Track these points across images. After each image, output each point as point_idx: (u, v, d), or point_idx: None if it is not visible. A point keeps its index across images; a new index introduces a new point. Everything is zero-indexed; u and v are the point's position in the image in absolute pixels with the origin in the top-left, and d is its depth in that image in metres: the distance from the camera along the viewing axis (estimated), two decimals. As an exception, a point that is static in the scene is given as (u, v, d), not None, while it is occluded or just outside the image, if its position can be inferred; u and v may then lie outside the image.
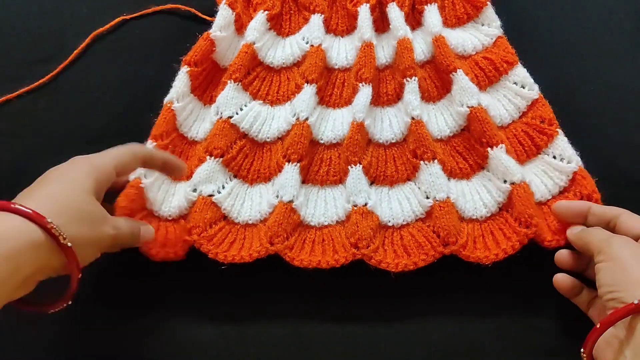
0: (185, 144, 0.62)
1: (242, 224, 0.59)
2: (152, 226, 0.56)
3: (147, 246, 0.55)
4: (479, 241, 0.57)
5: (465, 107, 0.59)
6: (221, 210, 0.58)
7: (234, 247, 0.57)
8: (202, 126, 0.62)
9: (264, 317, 0.57)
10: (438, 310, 0.57)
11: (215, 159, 0.59)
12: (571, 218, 0.56)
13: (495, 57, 0.63)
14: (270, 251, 0.56)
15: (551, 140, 0.60)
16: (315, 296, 0.58)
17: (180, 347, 0.56)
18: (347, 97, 0.63)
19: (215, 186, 0.59)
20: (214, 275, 0.57)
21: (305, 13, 0.66)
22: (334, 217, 0.59)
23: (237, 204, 0.59)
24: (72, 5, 0.70)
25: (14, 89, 0.66)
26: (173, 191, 0.60)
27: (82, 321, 0.57)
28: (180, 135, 0.62)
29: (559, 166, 0.59)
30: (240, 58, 0.62)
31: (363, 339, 0.56)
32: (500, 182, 0.58)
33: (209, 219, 0.57)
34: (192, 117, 0.62)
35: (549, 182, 0.59)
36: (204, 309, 0.58)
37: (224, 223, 0.58)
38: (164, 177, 0.59)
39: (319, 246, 0.57)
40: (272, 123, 0.62)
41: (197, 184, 0.58)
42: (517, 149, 0.60)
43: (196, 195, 0.58)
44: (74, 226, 0.46)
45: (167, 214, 0.58)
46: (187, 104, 0.62)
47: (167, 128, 0.60)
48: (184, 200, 0.58)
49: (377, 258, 0.55)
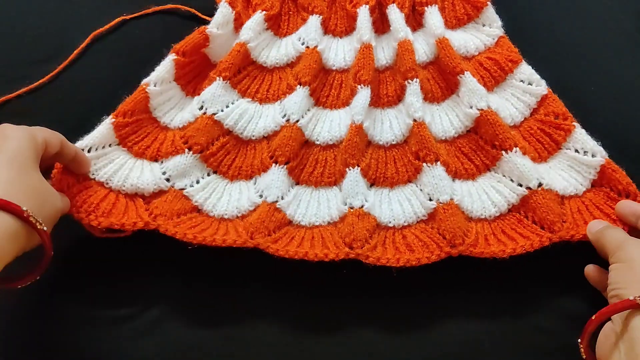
0: (155, 128, 0.62)
1: (217, 217, 0.59)
2: (97, 191, 0.57)
3: (87, 213, 0.55)
4: (490, 238, 0.57)
5: (475, 109, 0.59)
6: (192, 203, 0.59)
7: (206, 232, 0.56)
8: (180, 115, 0.62)
9: (262, 318, 0.57)
10: (438, 311, 0.57)
11: (193, 155, 0.59)
12: (626, 217, 0.56)
13: (499, 57, 0.63)
14: (249, 243, 0.55)
15: (569, 134, 0.60)
16: (315, 297, 0.58)
17: (178, 348, 0.56)
18: (344, 99, 0.63)
19: (189, 180, 0.59)
20: (213, 275, 0.57)
21: (303, 14, 0.66)
22: (326, 217, 0.59)
23: (213, 198, 0.59)
24: (72, 5, 0.70)
25: (14, 89, 0.66)
26: (131, 165, 0.60)
27: (81, 321, 0.57)
28: (152, 118, 0.62)
29: (585, 160, 0.59)
30: (231, 56, 0.62)
31: (362, 340, 0.56)
32: (515, 185, 0.58)
33: (178, 210, 0.57)
34: (169, 104, 0.62)
35: (579, 176, 0.59)
36: (201, 309, 0.58)
37: (196, 214, 0.58)
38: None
39: (308, 242, 0.57)
40: (259, 121, 0.62)
41: (171, 176, 0.59)
42: (536, 147, 0.60)
43: (168, 186, 0.58)
44: (41, 208, 0.48)
45: (121, 187, 0.58)
46: (166, 91, 0.62)
47: (134, 108, 0.60)
48: (151, 183, 0.58)
49: (374, 256, 0.55)
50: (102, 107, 0.65)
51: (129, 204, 0.57)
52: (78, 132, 0.64)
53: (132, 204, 0.57)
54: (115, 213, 0.56)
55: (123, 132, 0.60)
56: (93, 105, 0.65)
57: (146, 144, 0.61)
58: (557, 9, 0.70)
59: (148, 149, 0.60)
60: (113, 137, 0.59)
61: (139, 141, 0.61)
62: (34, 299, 0.57)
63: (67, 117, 0.65)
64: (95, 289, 0.58)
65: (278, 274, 0.57)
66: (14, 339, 0.57)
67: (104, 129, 0.59)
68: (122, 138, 0.60)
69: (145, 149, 0.60)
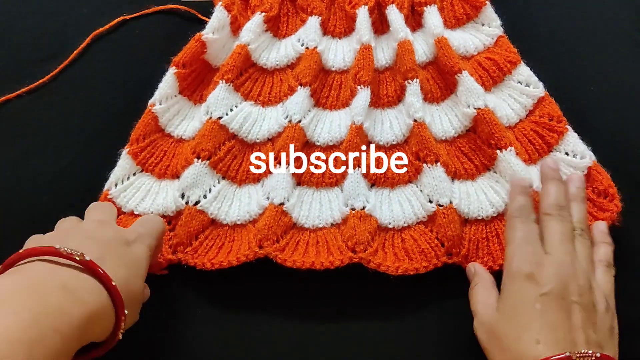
0: (171, 143, 0.62)
1: (230, 225, 0.59)
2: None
3: None
4: (482, 246, 0.57)
5: (472, 108, 0.59)
6: (208, 216, 0.59)
7: (222, 252, 0.57)
8: (191, 124, 0.62)
9: (262, 318, 0.57)
10: (438, 311, 0.57)
11: (202, 162, 0.59)
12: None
13: (498, 58, 0.63)
14: (259, 255, 0.55)
15: (561, 137, 0.60)
16: (314, 297, 0.58)
17: (178, 348, 0.56)
18: (344, 99, 0.63)
19: (202, 191, 0.59)
20: (212, 276, 0.57)
21: (302, 15, 0.66)
22: (329, 219, 0.59)
23: (225, 206, 0.59)
24: (72, 5, 0.70)
25: (14, 89, 0.66)
26: (157, 189, 0.60)
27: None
28: (166, 135, 0.62)
29: (572, 162, 0.59)
30: (233, 59, 0.62)
31: (362, 341, 0.56)
32: (509, 185, 0.57)
33: (196, 230, 0.58)
34: (178, 117, 0.63)
35: None
36: (202, 310, 0.58)
37: (211, 229, 0.59)
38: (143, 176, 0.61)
39: (313, 248, 0.57)
40: (263, 124, 0.62)
41: (184, 189, 0.59)
42: (528, 148, 0.60)
43: (184, 204, 0.58)
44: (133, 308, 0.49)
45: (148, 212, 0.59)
46: (173, 105, 0.62)
47: (145, 131, 0.61)
48: (172, 204, 0.59)
49: (375, 261, 0.55)
50: (102, 107, 0.65)
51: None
52: (78, 132, 0.64)
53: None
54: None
55: (141, 157, 0.60)
56: (93, 105, 0.66)
57: (165, 163, 0.61)
58: (556, 9, 0.70)
59: (168, 168, 0.61)
60: (134, 166, 0.60)
61: (158, 162, 0.61)
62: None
63: (67, 117, 0.65)
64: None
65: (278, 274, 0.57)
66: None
67: (123, 162, 0.60)
68: (142, 164, 0.60)
69: (166, 168, 0.61)
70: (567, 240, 0.51)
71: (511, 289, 0.49)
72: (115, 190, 0.59)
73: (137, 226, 0.53)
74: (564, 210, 0.53)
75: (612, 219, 0.56)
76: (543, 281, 0.48)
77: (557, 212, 0.52)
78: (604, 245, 0.54)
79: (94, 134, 0.64)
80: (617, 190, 0.57)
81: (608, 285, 0.52)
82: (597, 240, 0.55)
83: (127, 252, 0.49)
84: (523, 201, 0.53)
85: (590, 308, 0.48)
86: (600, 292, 0.50)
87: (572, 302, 0.47)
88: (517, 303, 0.48)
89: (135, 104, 0.64)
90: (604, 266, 0.53)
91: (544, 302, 0.47)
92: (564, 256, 0.49)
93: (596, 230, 0.55)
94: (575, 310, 0.47)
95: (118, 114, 0.65)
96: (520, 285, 0.48)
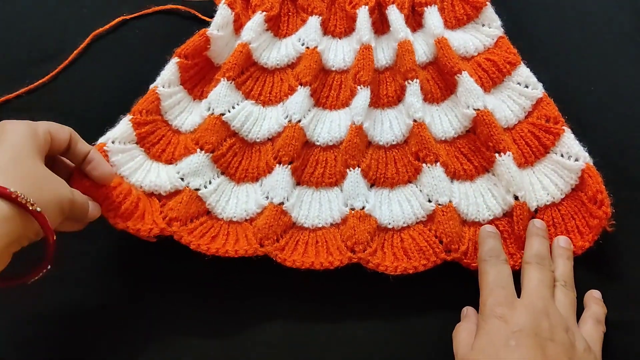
0: (169, 131, 0.62)
1: (225, 220, 0.59)
2: (119, 190, 0.55)
3: (107, 214, 0.54)
4: None
5: (472, 109, 0.59)
6: (205, 205, 0.59)
7: (217, 241, 0.57)
8: (190, 118, 0.62)
9: (262, 320, 0.57)
10: (437, 311, 0.57)
11: (205, 154, 0.59)
12: None
13: (497, 59, 0.63)
14: (259, 252, 0.56)
15: (558, 138, 0.59)
16: (314, 298, 0.58)
17: (178, 348, 0.56)
18: (344, 99, 0.63)
19: (203, 180, 0.59)
20: (212, 276, 0.58)
21: (303, 15, 0.66)
22: (329, 219, 0.59)
23: (222, 201, 0.59)
24: (72, 5, 0.70)
25: (14, 89, 0.66)
26: (148, 167, 0.60)
27: (79, 321, 0.57)
28: (164, 121, 0.62)
29: (567, 164, 0.58)
30: (235, 57, 0.62)
31: (361, 340, 0.57)
32: (504, 191, 0.57)
33: (192, 213, 0.57)
34: (179, 108, 0.62)
35: (560, 181, 0.58)
36: (201, 310, 0.58)
37: (206, 218, 0.58)
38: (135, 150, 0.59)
39: (312, 248, 0.57)
40: (263, 124, 0.62)
41: (185, 175, 0.58)
42: (524, 150, 0.60)
43: (183, 185, 0.58)
44: (35, 191, 0.46)
45: (140, 185, 0.58)
46: (175, 93, 0.62)
47: (148, 107, 0.60)
48: (167, 183, 0.58)
49: (374, 262, 0.55)
50: (102, 107, 0.65)
51: (146, 207, 0.57)
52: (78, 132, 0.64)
53: (149, 207, 0.57)
54: (133, 216, 0.56)
55: (142, 130, 0.60)
56: (93, 105, 0.66)
57: (162, 147, 0.61)
58: (556, 9, 0.70)
59: (164, 153, 0.61)
60: (132, 135, 0.59)
61: (155, 143, 0.61)
62: (34, 301, 0.57)
63: (67, 117, 0.65)
64: (93, 289, 0.59)
65: (278, 275, 0.57)
66: (15, 338, 0.57)
67: (123, 126, 0.59)
68: (140, 137, 0.60)
69: (161, 152, 0.61)
70: (544, 286, 0.52)
71: (485, 328, 0.50)
72: (112, 147, 0.57)
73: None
74: (544, 260, 0.54)
75: (601, 225, 0.55)
76: (514, 321, 0.49)
77: (536, 261, 0.53)
78: (595, 305, 0.54)
79: (94, 133, 0.64)
80: (607, 196, 0.56)
81: (594, 336, 0.52)
82: (588, 302, 0.55)
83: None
84: (492, 244, 0.55)
85: (567, 347, 0.48)
86: (580, 335, 0.50)
87: (545, 339, 0.48)
88: (493, 340, 0.48)
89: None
90: (594, 320, 0.53)
91: (518, 338, 0.47)
92: (537, 300, 0.50)
93: (589, 295, 0.55)
94: (550, 347, 0.47)
95: (118, 114, 0.65)
96: (492, 324, 0.49)
